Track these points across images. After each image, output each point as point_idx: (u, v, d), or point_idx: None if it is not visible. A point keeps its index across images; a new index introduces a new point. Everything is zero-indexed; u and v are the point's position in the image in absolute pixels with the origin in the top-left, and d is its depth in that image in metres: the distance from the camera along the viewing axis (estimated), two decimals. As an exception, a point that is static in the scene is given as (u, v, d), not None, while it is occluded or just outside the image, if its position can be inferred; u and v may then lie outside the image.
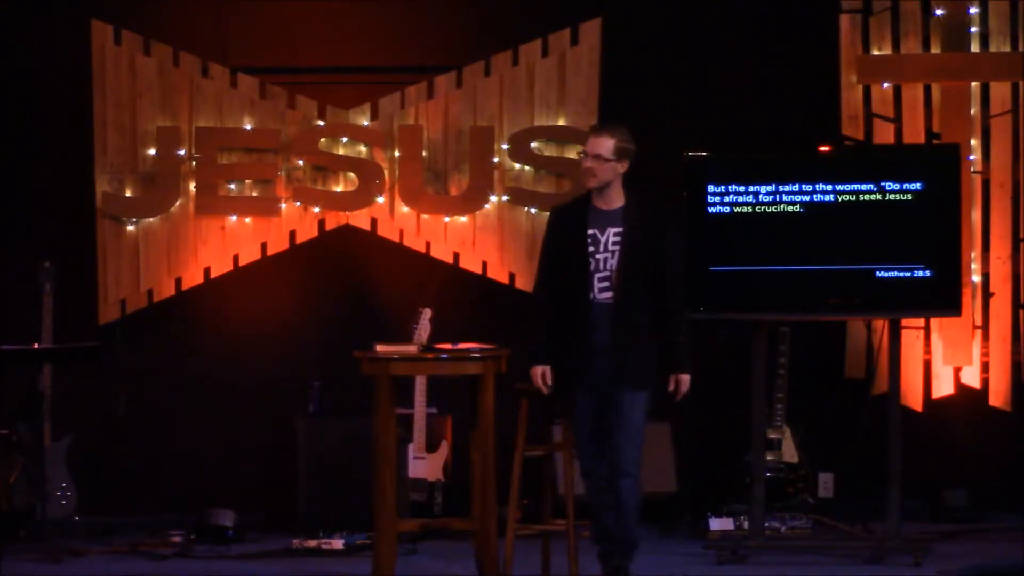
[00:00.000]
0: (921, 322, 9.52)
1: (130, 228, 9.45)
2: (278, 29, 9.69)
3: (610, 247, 7.51)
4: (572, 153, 9.51)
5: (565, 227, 7.63)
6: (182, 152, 9.43)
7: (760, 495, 8.53)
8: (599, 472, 7.58)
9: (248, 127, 9.48)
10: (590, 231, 7.54)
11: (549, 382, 7.58)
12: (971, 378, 9.62)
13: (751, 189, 8.52)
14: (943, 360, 9.60)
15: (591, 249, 7.52)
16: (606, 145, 7.54)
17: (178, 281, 9.49)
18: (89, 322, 9.36)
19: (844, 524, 8.92)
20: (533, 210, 9.50)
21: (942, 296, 8.47)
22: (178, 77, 9.46)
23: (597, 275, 7.51)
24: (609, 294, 7.50)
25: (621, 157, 7.56)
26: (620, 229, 7.53)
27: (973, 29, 9.59)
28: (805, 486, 9.29)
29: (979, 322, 9.58)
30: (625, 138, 7.60)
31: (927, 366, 9.63)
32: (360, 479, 8.62)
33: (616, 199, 7.60)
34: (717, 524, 8.92)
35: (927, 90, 9.62)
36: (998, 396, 9.62)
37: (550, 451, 8.03)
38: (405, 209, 9.53)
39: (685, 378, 7.61)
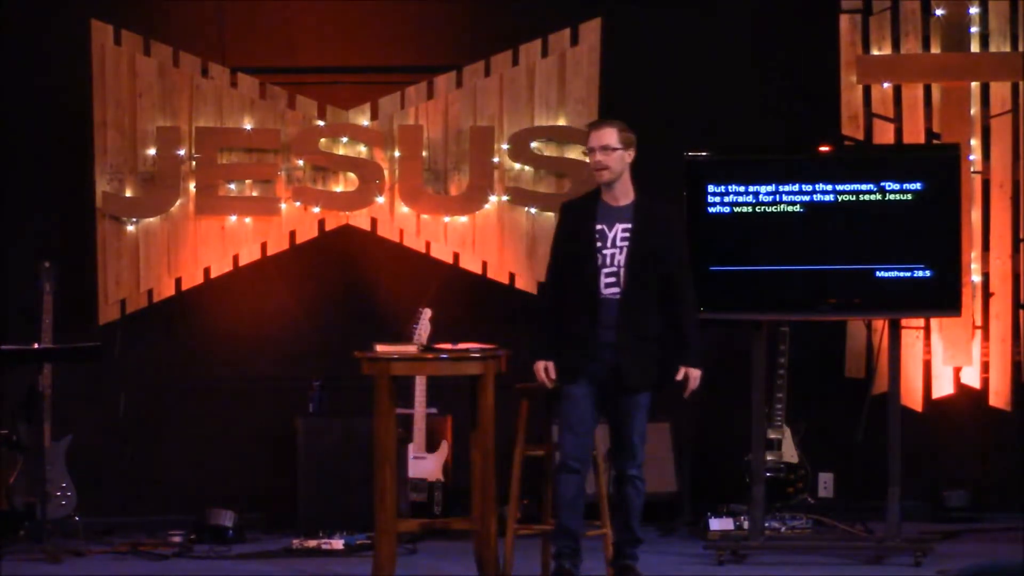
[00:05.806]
0: (921, 322, 9.52)
1: (130, 228, 9.45)
2: (278, 29, 9.69)
3: (618, 243, 7.47)
4: (572, 153, 9.51)
5: (574, 222, 7.60)
6: (182, 152, 9.43)
7: (760, 495, 8.52)
8: (578, 469, 7.49)
9: (248, 127, 9.47)
10: (598, 226, 7.50)
11: (553, 376, 7.55)
12: (971, 378, 9.62)
13: (751, 189, 8.51)
14: (943, 360, 9.59)
15: (598, 244, 7.47)
16: (611, 135, 7.54)
17: (178, 281, 9.48)
18: (89, 322, 9.36)
19: (844, 524, 8.92)
20: (533, 210, 9.49)
21: (942, 296, 8.46)
22: (178, 77, 9.46)
23: (604, 271, 7.45)
24: (615, 289, 7.45)
25: (628, 146, 7.57)
26: (629, 225, 7.49)
27: (973, 29, 9.59)
28: (805, 486, 9.29)
29: (979, 322, 9.58)
30: (625, 127, 7.63)
31: (927, 366, 9.63)
32: (360, 479, 8.62)
33: (625, 195, 7.58)
34: (717, 524, 8.91)
35: (927, 90, 9.62)
36: (998, 396, 9.62)
37: (550, 451, 8.02)
38: (405, 209, 9.53)
39: (696, 373, 7.54)
